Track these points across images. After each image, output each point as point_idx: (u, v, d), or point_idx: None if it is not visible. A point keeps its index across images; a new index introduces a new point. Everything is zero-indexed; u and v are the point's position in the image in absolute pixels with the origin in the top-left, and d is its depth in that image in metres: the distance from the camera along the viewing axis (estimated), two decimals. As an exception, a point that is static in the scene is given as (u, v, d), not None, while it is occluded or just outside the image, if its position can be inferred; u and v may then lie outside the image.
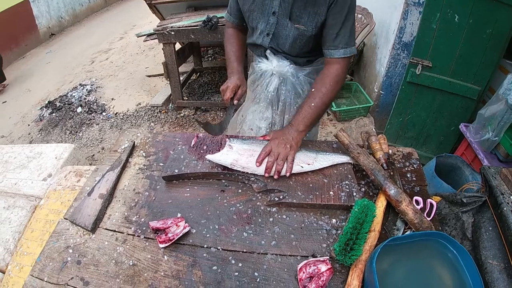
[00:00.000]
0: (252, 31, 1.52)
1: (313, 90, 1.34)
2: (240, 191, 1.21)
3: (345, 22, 1.29)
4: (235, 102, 1.42)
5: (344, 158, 1.27)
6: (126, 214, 1.16)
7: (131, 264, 1.00)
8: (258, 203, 1.16)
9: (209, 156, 1.22)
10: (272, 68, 1.54)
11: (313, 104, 1.30)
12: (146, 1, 3.52)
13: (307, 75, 1.56)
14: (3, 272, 1.31)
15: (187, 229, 1.06)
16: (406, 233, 1.04)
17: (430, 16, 2.23)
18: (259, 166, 1.19)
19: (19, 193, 1.59)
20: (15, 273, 1.26)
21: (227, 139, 1.29)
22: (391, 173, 1.22)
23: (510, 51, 2.19)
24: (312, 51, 1.49)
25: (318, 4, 1.27)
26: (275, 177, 1.19)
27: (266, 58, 1.55)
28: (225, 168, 1.23)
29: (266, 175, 1.19)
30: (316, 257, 0.99)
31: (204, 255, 1.02)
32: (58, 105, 4.22)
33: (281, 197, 1.14)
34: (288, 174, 1.20)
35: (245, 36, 1.64)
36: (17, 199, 1.56)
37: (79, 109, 4.09)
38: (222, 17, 3.14)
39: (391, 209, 1.12)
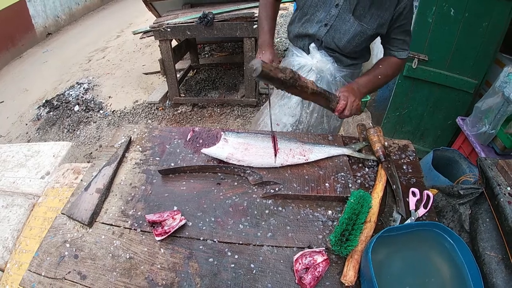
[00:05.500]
0: (303, 19, 1.45)
1: (380, 66, 1.39)
2: (236, 184, 1.22)
3: (410, 27, 1.38)
4: None
5: (339, 150, 1.28)
6: (122, 208, 1.16)
7: (127, 257, 1.01)
8: (254, 196, 1.17)
9: (204, 150, 1.23)
10: (312, 63, 1.49)
11: (379, 77, 1.37)
12: (142, -1, 3.51)
13: (343, 77, 1.53)
14: (2, 271, 1.31)
15: (183, 222, 1.06)
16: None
17: (425, 10, 2.23)
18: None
19: (17, 191, 1.59)
20: (14, 271, 1.26)
21: (222, 133, 1.29)
22: (388, 165, 1.22)
23: (506, 44, 2.19)
24: (362, 53, 1.51)
25: (383, 8, 1.28)
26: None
27: (307, 52, 1.51)
28: (221, 161, 1.23)
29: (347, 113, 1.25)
30: (312, 248, 0.99)
31: (200, 247, 1.02)
32: (55, 104, 4.21)
33: (276, 189, 1.14)
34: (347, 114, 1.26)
35: (279, 5, 1.63)
36: (16, 198, 1.55)
37: (76, 108, 4.08)
38: (218, 13, 3.14)
39: (387, 201, 1.13)
